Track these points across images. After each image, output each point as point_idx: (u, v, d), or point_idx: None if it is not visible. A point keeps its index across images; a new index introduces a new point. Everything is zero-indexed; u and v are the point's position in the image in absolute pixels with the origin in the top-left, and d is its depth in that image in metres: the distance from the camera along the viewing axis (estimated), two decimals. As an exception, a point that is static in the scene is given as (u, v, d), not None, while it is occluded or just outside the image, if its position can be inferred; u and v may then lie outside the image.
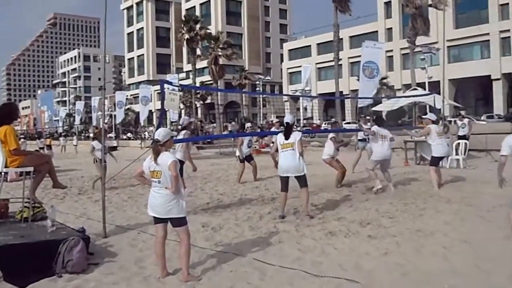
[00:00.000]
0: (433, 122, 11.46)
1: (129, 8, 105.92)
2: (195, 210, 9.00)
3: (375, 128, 10.55)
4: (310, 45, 74.65)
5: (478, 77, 54.12)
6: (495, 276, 4.98)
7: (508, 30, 47.19)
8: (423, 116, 13.01)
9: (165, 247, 5.41)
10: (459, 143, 15.58)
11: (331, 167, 11.74)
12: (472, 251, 5.84)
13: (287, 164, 8.02)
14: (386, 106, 25.67)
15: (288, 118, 8.33)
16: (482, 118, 46.75)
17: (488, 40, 54.12)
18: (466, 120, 17.94)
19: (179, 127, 10.41)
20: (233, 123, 46.33)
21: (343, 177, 11.67)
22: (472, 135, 17.68)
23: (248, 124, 14.59)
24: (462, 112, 21.15)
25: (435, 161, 10.94)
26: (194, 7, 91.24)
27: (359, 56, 23.66)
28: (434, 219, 7.63)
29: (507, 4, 51.52)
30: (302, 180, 8.13)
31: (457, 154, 15.29)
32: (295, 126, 9.30)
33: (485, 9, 54.44)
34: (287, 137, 8.03)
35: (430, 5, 37.86)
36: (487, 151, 17.30)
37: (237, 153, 13.76)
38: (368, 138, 14.13)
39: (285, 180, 8.13)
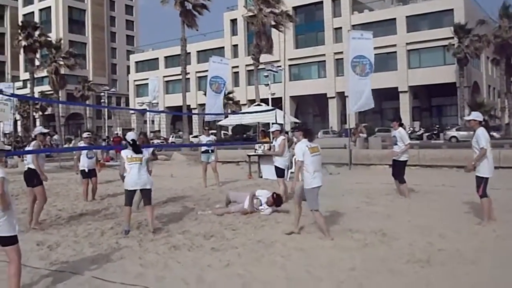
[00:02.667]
0: (280, 132, 11.95)
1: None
2: (29, 228, 8.36)
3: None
4: (157, 58, 74.12)
5: (316, 95, 58.25)
6: (324, 282, 5.33)
7: (341, 52, 51.42)
8: (273, 129, 13.03)
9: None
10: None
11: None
12: (306, 259, 6.19)
13: (134, 178, 7.95)
14: (231, 121, 26.37)
15: (131, 136, 8.31)
16: (318, 133, 50.24)
17: (324, 61, 58.60)
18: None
19: (32, 137, 9.50)
20: (55, 136, 42.22)
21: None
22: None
23: (84, 134, 13.42)
24: (302, 128, 22.47)
25: (283, 173, 11.42)
26: (32, 12, 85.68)
27: (207, 70, 23.99)
28: (274, 230, 7.95)
29: (341, 28, 56.30)
30: (148, 194, 8.14)
31: (296, 167, 16.11)
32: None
33: (322, 31, 58.96)
34: (136, 152, 8.07)
35: (272, 26, 39.98)
36: (323, 164, 18.57)
37: (80, 167, 12.14)
38: (211, 150, 14.35)
39: (131, 194, 8.07)
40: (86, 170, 11.98)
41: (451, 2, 52.34)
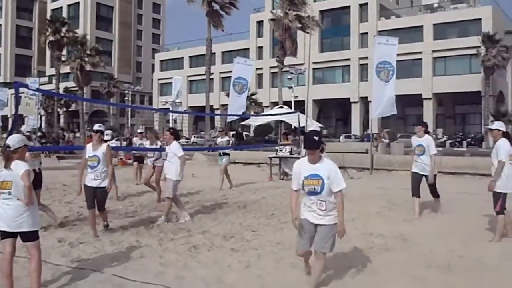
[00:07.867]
0: None
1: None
2: (51, 224, 8.42)
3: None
4: (182, 57, 74.59)
5: (339, 99, 57.95)
6: (348, 285, 5.35)
7: (366, 57, 51.06)
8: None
9: (13, 265, 4.98)
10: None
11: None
12: (327, 262, 6.13)
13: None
14: (253, 121, 26.37)
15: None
16: (340, 138, 50.04)
17: (349, 65, 58.30)
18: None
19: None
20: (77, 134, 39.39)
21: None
22: (331, 153, 18.76)
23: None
24: (324, 132, 22.47)
25: None
26: (61, 8, 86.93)
27: (230, 71, 24.06)
28: (294, 232, 7.85)
29: (367, 33, 55.94)
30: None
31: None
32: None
33: (348, 36, 58.68)
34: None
35: (299, 28, 39.86)
36: (344, 168, 18.48)
37: None
38: (223, 153, 14.25)
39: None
40: None
41: (479, 11, 52.10)
